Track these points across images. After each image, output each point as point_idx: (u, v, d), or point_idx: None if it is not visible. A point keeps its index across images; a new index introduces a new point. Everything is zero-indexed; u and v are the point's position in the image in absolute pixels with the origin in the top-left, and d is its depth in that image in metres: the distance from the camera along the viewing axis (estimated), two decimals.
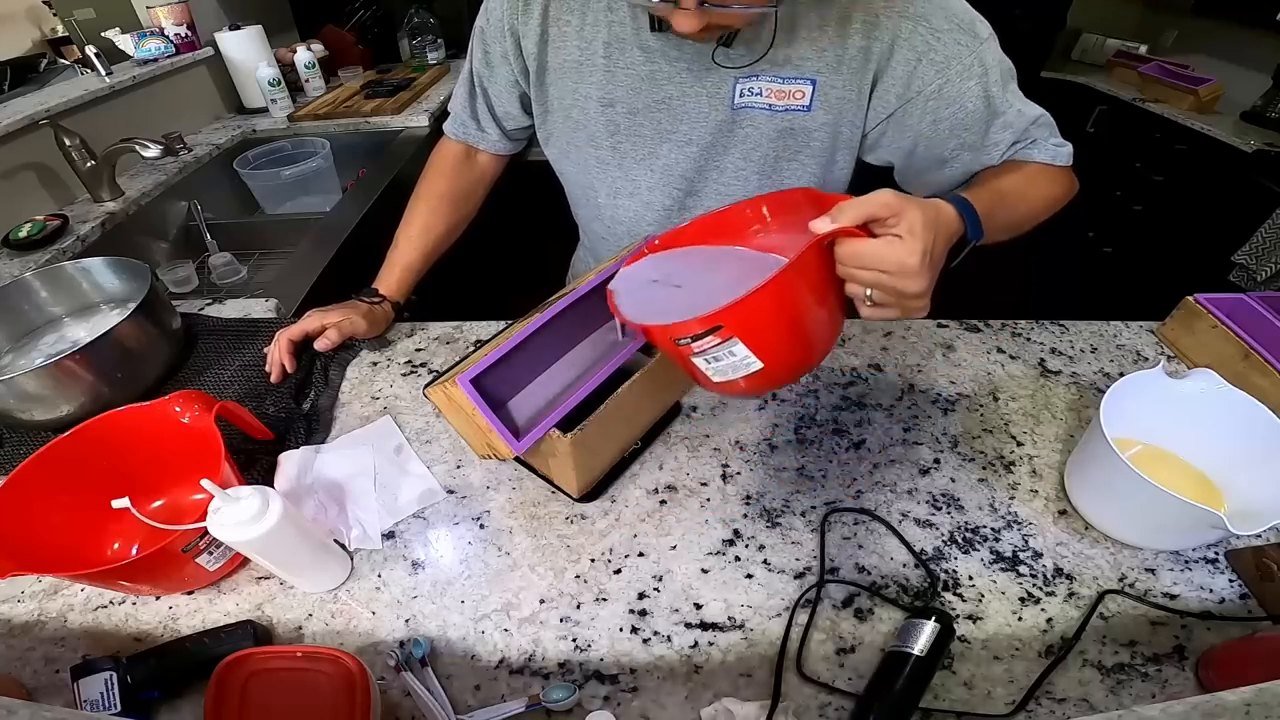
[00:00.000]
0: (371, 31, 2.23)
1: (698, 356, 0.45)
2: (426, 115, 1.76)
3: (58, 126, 1.22)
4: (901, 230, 0.43)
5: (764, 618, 0.53)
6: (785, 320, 0.43)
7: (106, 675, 0.47)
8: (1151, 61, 2.30)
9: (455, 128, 0.90)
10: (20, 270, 1.04)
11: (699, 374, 0.47)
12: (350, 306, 0.83)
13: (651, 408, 0.68)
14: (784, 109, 0.67)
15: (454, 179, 0.91)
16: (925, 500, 0.62)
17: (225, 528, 0.47)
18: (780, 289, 0.40)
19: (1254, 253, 1.77)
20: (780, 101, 0.67)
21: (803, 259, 0.41)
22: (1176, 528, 0.54)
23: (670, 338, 0.44)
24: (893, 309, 0.45)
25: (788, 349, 0.45)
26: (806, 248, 0.41)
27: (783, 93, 0.66)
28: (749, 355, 0.43)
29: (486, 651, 0.52)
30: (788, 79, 0.65)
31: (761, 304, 0.40)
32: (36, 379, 0.67)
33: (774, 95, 0.66)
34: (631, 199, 0.80)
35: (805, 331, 0.46)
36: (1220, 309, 0.76)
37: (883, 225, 0.43)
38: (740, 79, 0.66)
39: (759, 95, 0.67)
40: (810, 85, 0.65)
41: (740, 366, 0.44)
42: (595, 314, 0.63)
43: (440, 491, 0.65)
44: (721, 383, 0.46)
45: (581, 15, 0.69)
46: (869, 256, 0.43)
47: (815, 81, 0.65)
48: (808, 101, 0.66)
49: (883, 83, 0.64)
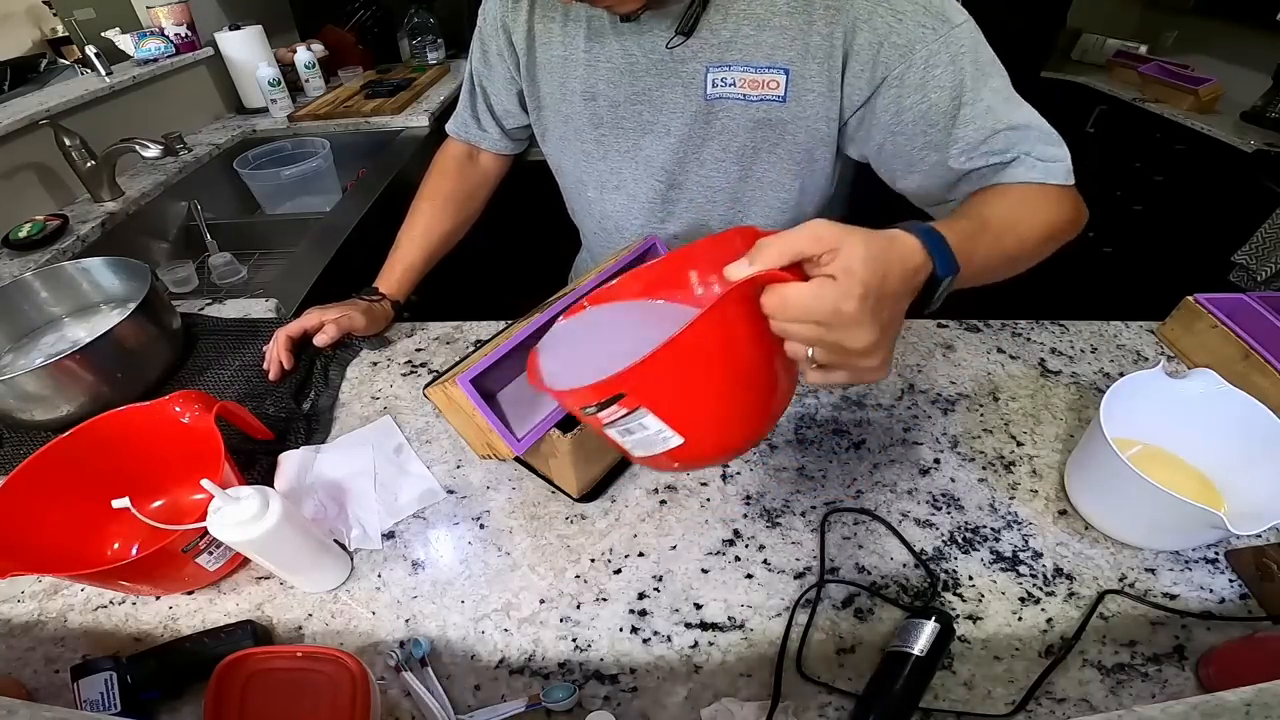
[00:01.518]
0: (371, 31, 2.23)
1: (609, 428, 0.38)
2: (426, 115, 1.76)
3: (58, 126, 1.22)
4: (835, 269, 0.34)
5: (764, 618, 0.53)
6: (701, 387, 0.36)
7: (106, 675, 0.47)
8: (1151, 61, 2.30)
9: (457, 127, 0.91)
10: (20, 270, 1.04)
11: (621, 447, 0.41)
12: (350, 304, 0.83)
13: None
14: (759, 99, 0.65)
15: (457, 180, 0.92)
16: (925, 500, 0.62)
17: (225, 528, 0.47)
18: (684, 351, 0.33)
19: (1254, 253, 1.77)
20: (754, 91, 0.65)
21: (711, 314, 0.34)
22: (1176, 528, 0.54)
23: (577, 405, 0.38)
24: (839, 371, 0.37)
25: (711, 421, 0.38)
26: (717, 300, 0.34)
27: (756, 82, 0.64)
28: (664, 428, 0.36)
29: (486, 651, 0.52)
30: (760, 68, 0.63)
31: (661, 368, 0.33)
32: (36, 379, 0.67)
33: (747, 85, 0.65)
34: (618, 192, 0.80)
35: (734, 400, 0.38)
36: (1220, 309, 0.76)
37: (815, 264, 0.35)
38: (712, 67, 0.65)
39: (732, 86, 0.65)
40: (784, 75, 0.63)
41: (655, 441, 0.37)
42: None
43: (440, 491, 0.65)
44: (645, 458, 0.40)
45: (564, 11, 0.70)
46: (795, 305, 0.34)
47: (788, 71, 0.62)
48: (782, 92, 0.64)
49: (850, 69, 0.61)
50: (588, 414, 0.37)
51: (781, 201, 0.75)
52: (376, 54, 2.24)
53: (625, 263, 0.66)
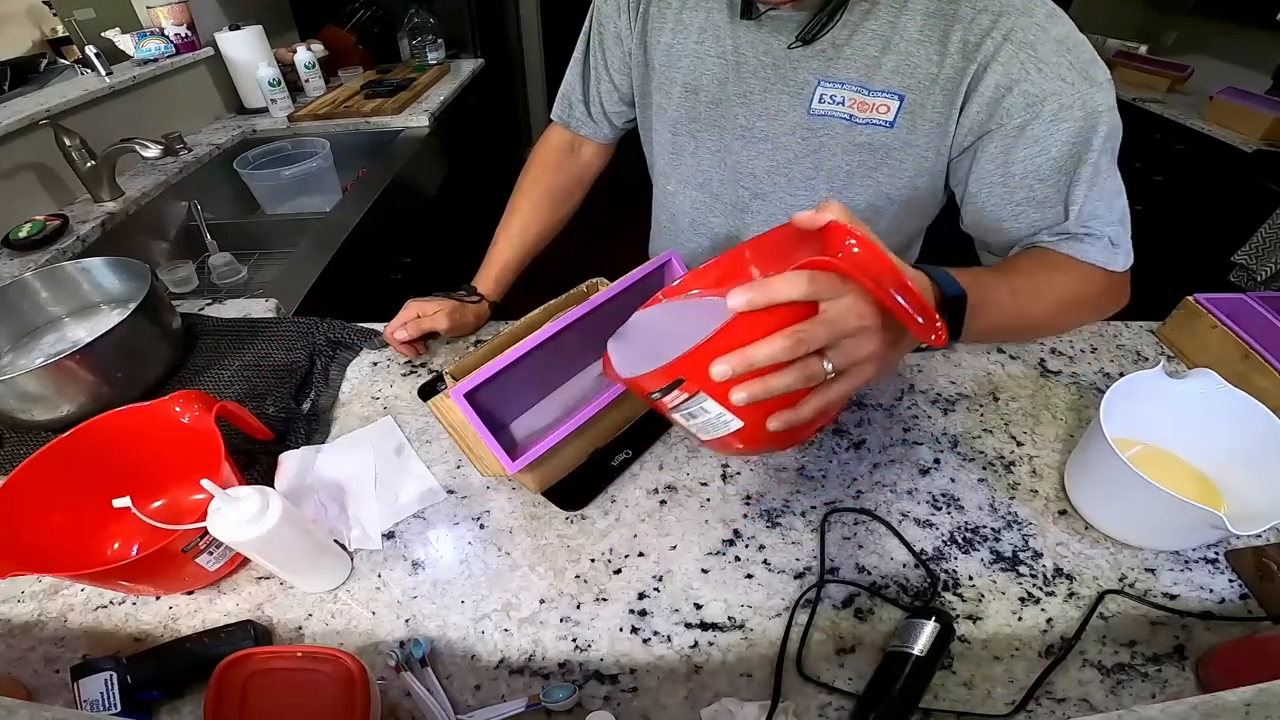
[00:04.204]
0: (371, 31, 2.23)
1: (675, 412, 0.41)
2: (426, 115, 1.76)
3: (58, 126, 1.22)
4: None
5: (764, 618, 0.53)
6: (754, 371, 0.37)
7: (106, 675, 0.47)
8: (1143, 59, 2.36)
9: (562, 110, 0.88)
10: (20, 270, 1.04)
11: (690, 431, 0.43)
12: (442, 302, 0.82)
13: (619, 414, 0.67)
14: (865, 122, 0.62)
15: (557, 174, 0.90)
16: (925, 500, 0.62)
17: (225, 528, 0.47)
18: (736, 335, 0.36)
19: (1254, 253, 1.77)
20: (862, 114, 0.62)
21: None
22: (1176, 528, 0.54)
23: (644, 392, 0.41)
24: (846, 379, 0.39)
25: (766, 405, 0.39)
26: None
27: (866, 104, 0.61)
28: (724, 412, 0.39)
29: (486, 651, 0.52)
30: (874, 91, 0.60)
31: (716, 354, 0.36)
32: (36, 379, 0.67)
33: (856, 106, 0.62)
34: (701, 190, 0.78)
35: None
36: (1220, 309, 0.76)
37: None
38: (823, 81, 0.62)
39: (840, 104, 0.62)
40: (898, 101, 0.60)
41: (718, 425, 0.40)
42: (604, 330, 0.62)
43: (440, 491, 0.65)
44: (710, 441, 0.42)
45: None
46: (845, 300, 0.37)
47: (903, 98, 0.59)
48: (892, 117, 0.61)
49: (968, 107, 0.57)
50: (654, 399, 0.40)
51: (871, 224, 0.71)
52: (376, 54, 2.24)
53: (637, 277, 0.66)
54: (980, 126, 0.58)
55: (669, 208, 0.85)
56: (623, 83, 0.81)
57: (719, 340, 0.36)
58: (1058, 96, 0.53)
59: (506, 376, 0.58)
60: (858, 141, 0.64)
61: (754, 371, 0.36)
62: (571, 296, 0.69)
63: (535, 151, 0.91)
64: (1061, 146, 0.55)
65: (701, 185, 0.78)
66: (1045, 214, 0.59)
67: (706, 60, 0.68)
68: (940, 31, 0.56)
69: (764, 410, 0.38)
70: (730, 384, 0.36)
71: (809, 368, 0.37)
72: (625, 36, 0.75)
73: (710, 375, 0.36)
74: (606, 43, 0.78)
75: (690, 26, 0.68)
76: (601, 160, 0.93)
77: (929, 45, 0.57)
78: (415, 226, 1.69)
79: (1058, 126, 0.54)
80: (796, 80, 0.64)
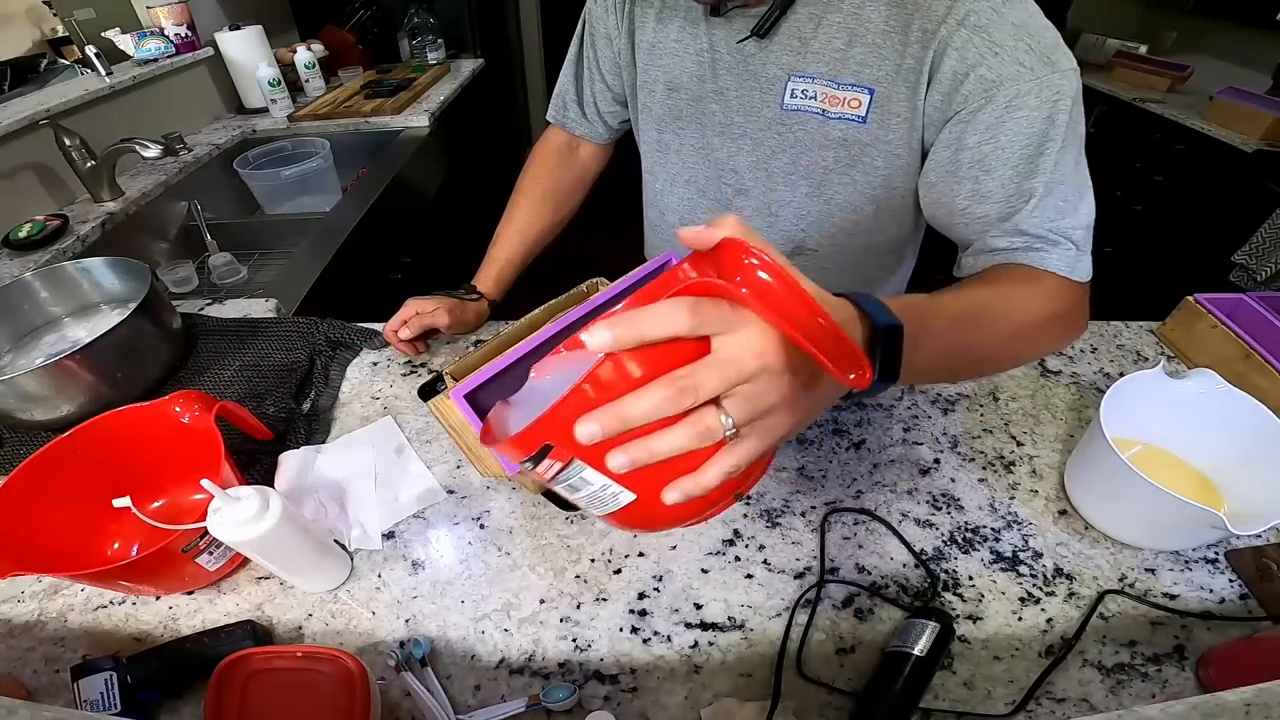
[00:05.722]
0: (371, 31, 2.23)
1: (555, 484, 0.32)
2: (426, 115, 1.76)
3: (58, 126, 1.22)
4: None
5: (764, 618, 0.53)
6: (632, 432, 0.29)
7: (106, 675, 0.47)
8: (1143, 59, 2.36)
9: (557, 111, 0.89)
10: (20, 270, 1.04)
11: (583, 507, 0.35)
12: (442, 300, 0.82)
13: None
14: (837, 116, 0.61)
15: (556, 173, 0.90)
16: (925, 500, 0.62)
17: (225, 528, 0.47)
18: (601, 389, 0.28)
19: (1254, 253, 1.77)
20: (834, 108, 0.61)
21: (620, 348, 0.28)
22: (1176, 528, 0.54)
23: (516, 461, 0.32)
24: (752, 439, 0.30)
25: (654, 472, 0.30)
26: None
27: (836, 98, 0.60)
28: (609, 483, 0.31)
29: (486, 651, 0.52)
30: (844, 84, 0.59)
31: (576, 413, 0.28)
32: (36, 379, 0.67)
33: (827, 100, 0.61)
34: (687, 188, 0.79)
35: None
36: (1220, 309, 0.76)
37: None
38: (794, 76, 0.62)
39: (812, 99, 0.62)
40: (867, 95, 0.58)
41: (606, 499, 0.32)
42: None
43: (440, 491, 0.65)
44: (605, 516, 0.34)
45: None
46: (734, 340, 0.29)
47: (873, 91, 0.58)
48: (863, 112, 0.60)
49: (929, 97, 0.55)
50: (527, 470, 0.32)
51: (853, 225, 0.70)
52: (376, 54, 2.24)
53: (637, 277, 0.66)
54: (941, 117, 0.55)
55: (658, 205, 0.85)
56: (615, 82, 0.81)
57: (584, 393, 0.28)
58: (1015, 82, 0.50)
59: (507, 377, 0.58)
60: (831, 137, 0.63)
61: (632, 431, 0.28)
62: (571, 296, 0.69)
63: (535, 152, 0.92)
64: (1016, 136, 0.51)
65: (688, 182, 0.78)
66: (995, 208, 0.54)
67: (685, 58, 0.69)
68: (903, 22, 0.54)
69: (656, 479, 0.30)
70: (605, 447, 0.29)
71: (701, 422, 0.29)
72: (615, 36, 0.76)
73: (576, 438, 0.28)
74: (598, 43, 0.79)
75: (670, 25, 0.69)
76: (600, 160, 0.94)
77: (894, 36, 0.55)
78: (415, 226, 1.69)
79: (1012, 115, 0.51)
80: (767, 76, 0.64)
